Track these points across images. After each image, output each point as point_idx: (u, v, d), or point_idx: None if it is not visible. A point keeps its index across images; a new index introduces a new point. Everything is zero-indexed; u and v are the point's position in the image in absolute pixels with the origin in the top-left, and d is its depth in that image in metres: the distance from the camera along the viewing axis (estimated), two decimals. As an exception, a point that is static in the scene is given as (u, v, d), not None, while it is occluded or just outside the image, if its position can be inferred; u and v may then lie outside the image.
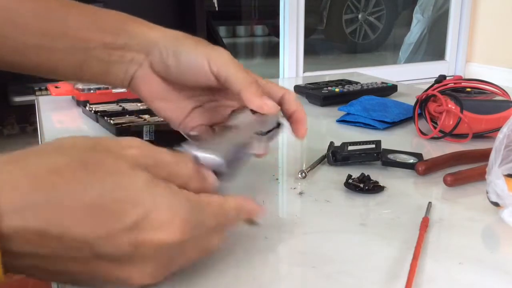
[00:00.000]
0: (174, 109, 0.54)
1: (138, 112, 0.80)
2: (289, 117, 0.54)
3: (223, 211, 0.37)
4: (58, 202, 0.29)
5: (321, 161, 0.63)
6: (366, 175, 0.56)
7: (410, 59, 3.94)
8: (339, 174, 0.59)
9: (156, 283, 0.34)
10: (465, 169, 0.57)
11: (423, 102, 0.75)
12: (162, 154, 0.36)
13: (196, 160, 0.39)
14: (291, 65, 3.08)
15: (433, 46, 3.90)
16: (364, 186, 0.54)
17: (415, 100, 0.77)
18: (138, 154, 0.34)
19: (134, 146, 0.35)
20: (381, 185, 0.55)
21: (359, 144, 0.64)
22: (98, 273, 0.32)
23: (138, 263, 0.32)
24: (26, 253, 0.30)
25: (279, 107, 0.51)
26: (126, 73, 0.53)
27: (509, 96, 0.78)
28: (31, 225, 0.29)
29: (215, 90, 0.54)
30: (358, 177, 0.55)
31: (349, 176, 0.56)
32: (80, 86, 0.89)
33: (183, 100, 0.54)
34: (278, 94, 0.54)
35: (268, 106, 0.49)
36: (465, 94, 0.80)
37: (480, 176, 0.53)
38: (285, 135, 0.80)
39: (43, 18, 0.50)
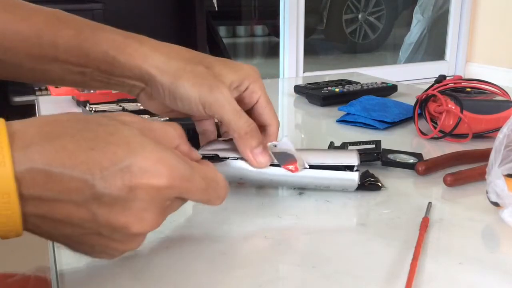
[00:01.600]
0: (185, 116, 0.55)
1: (138, 112, 0.80)
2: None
3: (213, 178, 0.40)
4: (60, 145, 0.33)
5: (321, 161, 0.63)
6: (370, 172, 0.56)
7: (410, 59, 3.94)
8: (339, 174, 0.59)
9: (151, 229, 0.36)
10: (465, 169, 0.57)
11: (423, 102, 0.75)
12: (151, 121, 0.40)
13: None
14: (291, 65, 3.08)
15: (433, 46, 3.90)
16: (362, 182, 0.54)
17: (415, 100, 0.77)
18: (129, 119, 0.38)
19: (126, 115, 0.39)
20: (378, 184, 0.55)
21: (359, 144, 0.64)
22: (99, 219, 0.34)
23: (134, 208, 0.34)
24: (33, 197, 0.32)
25: (268, 164, 0.50)
26: (129, 92, 0.53)
27: (509, 96, 0.78)
28: (37, 166, 0.32)
29: None
30: (362, 173, 0.56)
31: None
32: (80, 86, 0.90)
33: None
34: (265, 122, 0.54)
35: (258, 163, 0.49)
36: (465, 94, 0.80)
37: (480, 176, 0.53)
38: (284, 135, 0.80)
39: (32, 44, 0.49)
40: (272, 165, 0.50)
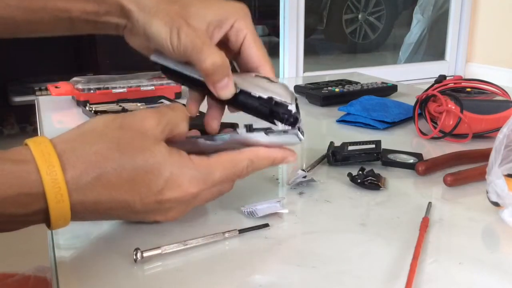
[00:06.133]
0: None
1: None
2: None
3: (232, 164, 0.46)
4: (106, 179, 0.40)
5: (321, 161, 0.63)
6: (375, 173, 0.56)
7: (410, 59, 3.94)
8: (339, 174, 0.59)
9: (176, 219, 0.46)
10: (465, 169, 0.57)
11: (423, 102, 0.75)
12: (163, 109, 0.46)
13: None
14: (291, 65, 3.08)
15: (433, 46, 3.90)
16: (363, 181, 0.54)
17: (415, 100, 0.77)
18: (154, 123, 0.43)
19: (149, 117, 0.44)
20: (378, 184, 0.55)
21: (359, 144, 0.64)
22: (134, 219, 0.46)
23: (162, 212, 0.44)
24: (83, 214, 0.42)
25: (231, 95, 0.49)
26: (116, 31, 0.53)
27: (509, 96, 0.78)
28: (88, 199, 0.40)
29: None
30: (366, 172, 0.56)
31: (350, 174, 0.56)
32: (80, 86, 0.89)
33: None
34: (254, 64, 0.51)
35: (220, 95, 0.48)
36: (465, 94, 0.80)
37: (480, 176, 0.53)
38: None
39: None
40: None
